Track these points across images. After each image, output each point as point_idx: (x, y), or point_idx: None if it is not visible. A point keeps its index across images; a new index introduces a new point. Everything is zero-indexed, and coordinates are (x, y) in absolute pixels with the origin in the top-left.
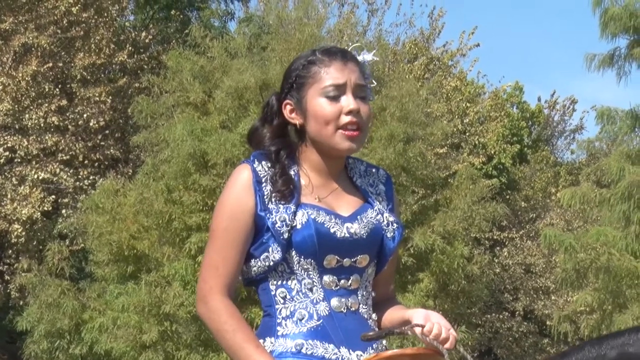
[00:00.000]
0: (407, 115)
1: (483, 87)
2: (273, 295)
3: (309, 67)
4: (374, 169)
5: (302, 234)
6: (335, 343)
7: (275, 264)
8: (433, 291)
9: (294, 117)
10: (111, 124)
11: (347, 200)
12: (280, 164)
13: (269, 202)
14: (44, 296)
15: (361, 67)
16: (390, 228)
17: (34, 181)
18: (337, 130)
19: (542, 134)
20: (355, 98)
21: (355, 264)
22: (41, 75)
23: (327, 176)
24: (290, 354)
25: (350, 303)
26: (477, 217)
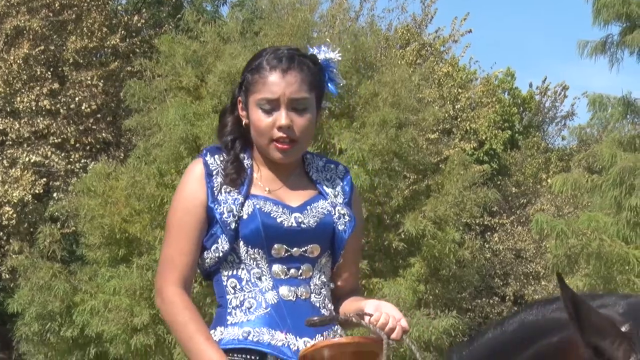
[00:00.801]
0: (399, 101)
1: (475, 73)
2: (224, 286)
3: (254, 74)
4: (334, 164)
5: (249, 224)
6: (282, 330)
7: (225, 254)
8: (424, 276)
9: (243, 115)
10: (103, 108)
11: (298, 193)
12: (234, 152)
13: (218, 193)
14: (35, 278)
15: (307, 75)
16: (342, 220)
17: (25, 164)
18: (271, 142)
19: (534, 120)
20: (291, 110)
21: (306, 254)
22: (33, 59)
23: (280, 170)
24: (237, 341)
25: (301, 292)
26: (468, 203)
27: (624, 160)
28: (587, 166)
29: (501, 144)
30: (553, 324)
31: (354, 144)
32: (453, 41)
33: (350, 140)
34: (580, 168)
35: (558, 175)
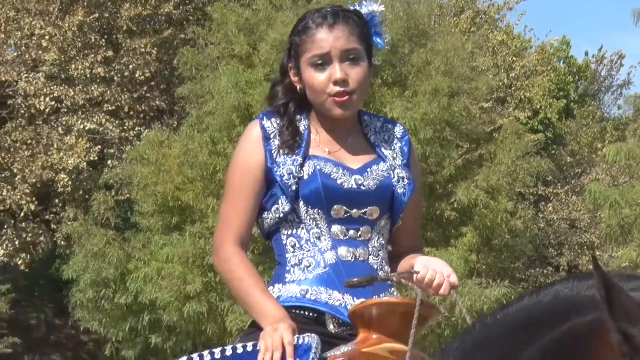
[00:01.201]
0: (452, 69)
1: (530, 42)
2: (284, 245)
3: (301, 36)
4: (391, 125)
5: (309, 185)
6: (340, 290)
7: (285, 215)
8: (476, 246)
9: (297, 81)
10: (157, 76)
11: (358, 155)
12: (287, 117)
13: (277, 156)
14: (89, 246)
15: (353, 27)
16: (401, 184)
17: (80, 131)
18: (328, 98)
19: (589, 89)
20: (344, 63)
21: (365, 216)
22: (87, 26)
23: (338, 132)
24: (295, 299)
25: (359, 253)
26: (521, 172)
27: None
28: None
29: (556, 113)
30: (588, 303)
31: (406, 113)
32: (508, 9)
33: (402, 110)
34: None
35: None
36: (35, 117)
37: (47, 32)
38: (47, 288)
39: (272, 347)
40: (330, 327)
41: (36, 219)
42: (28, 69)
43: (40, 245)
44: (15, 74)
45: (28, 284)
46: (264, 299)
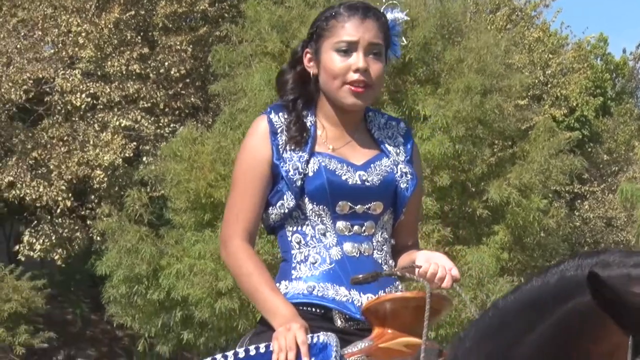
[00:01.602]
0: (484, 67)
1: (566, 39)
2: (289, 241)
3: (329, 20)
4: (395, 121)
5: (314, 181)
6: (346, 286)
7: (290, 210)
8: (508, 244)
9: (311, 65)
10: (192, 73)
11: (361, 151)
12: (295, 112)
13: (283, 151)
14: (122, 242)
15: (382, 25)
16: (404, 179)
17: (116, 128)
18: (344, 85)
19: (627, 87)
20: (367, 56)
21: (369, 211)
22: (123, 23)
23: (343, 128)
24: (302, 295)
25: (364, 248)
26: (554, 170)
27: None
28: None
29: (593, 111)
30: None
31: (438, 111)
32: (544, 6)
33: (435, 107)
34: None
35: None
36: (71, 114)
37: (84, 29)
38: (83, 283)
39: (286, 347)
40: (338, 322)
41: (72, 215)
42: (64, 65)
43: (76, 240)
44: (52, 70)
45: (64, 279)
46: (273, 296)
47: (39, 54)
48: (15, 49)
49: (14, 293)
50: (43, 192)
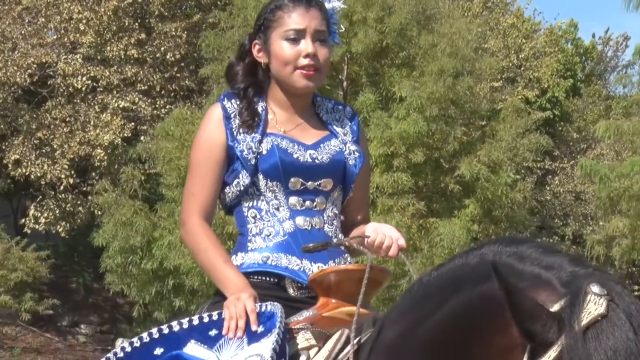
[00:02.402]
0: (456, 51)
1: (539, 24)
2: (245, 216)
3: (276, 12)
4: (341, 106)
5: (268, 159)
6: (298, 256)
7: (246, 187)
8: (478, 216)
9: (260, 56)
10: (186, 57)
11: (311, 132)
12: (246, 100)
13: (237, 134)
14: (118, 215)
15: (324, 14)
16: (352, 156)
17: (115, 109)
18: (295, 70)
19: (595, 69)
20: (314, 42)
21: (320, 187)
22: (122, 11)
23: (293, 112)
24: (257, 265)
25: (315, 222)
26: (521, 148)
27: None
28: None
29: (563, 92)
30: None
31: (413, 92)
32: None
33: (410, 89)
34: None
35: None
36: (73, 96)
37: (84, 16)
38: (85, 254)
39: (236, 315)
40: (290, 290)
41: (75, 191)
42: (66, 50)
43: (78, 214)
44: (55, 55)
45: (67, 250)
46: (227, 269)
47: (43, 39)
48: (19, 35)
49: (20, 263)
50: (47, 170)
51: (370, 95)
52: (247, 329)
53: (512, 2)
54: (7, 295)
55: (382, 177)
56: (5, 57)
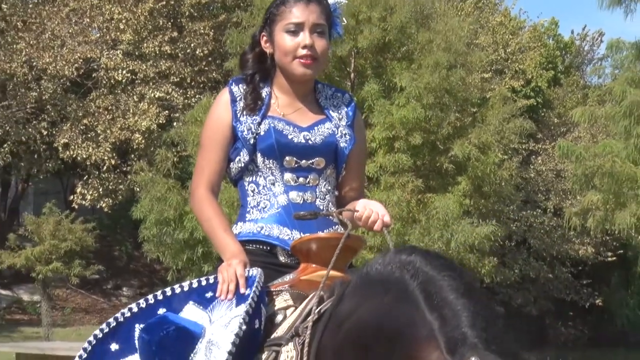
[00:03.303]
0: (450, 46)
1: (524, 22)
2: (246, 190)
3: (279, 6)
4: (340, 93)
5: (265, 140)
6: (289, 227)
7: (246, 164)
8: (469, 192)
9: (267, 46)
10: (213, 52)
11: (308, 115)
12: (252, 85)
13: (240, 115)
14: (154, 192)
15: (323, 8)
16: (344, 139)
17: (151, 99)
18: (295, 60)
19: (574, 62)
20: (312, 34)
21: (313, 165)
22: (156, 11)
23: (294, 97)
24: (251, 234)
25: (307, 196)
26: (507, 132)
27: (633, 95)
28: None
29: (545, 82)
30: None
31: (412, 83)
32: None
33: (409, 79)
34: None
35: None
36: (114, 87)
37: (124, 16)
38: (126, 226)
39: (228, 279)
40: (281, 257)
41: (116, 170)
42: (108, 47)
43: (119, 191)
44: (98, 51)
45: (110, 222)
46: (225, 237)
47: (87, 37)
48: (67, 33)
49: (69, 234)
50: (92, 152)
51: (375, 86)
52: (236, 292)
53: (500, 2)
54: (59, 262)
55: (385, 157)
56: (55, 53)
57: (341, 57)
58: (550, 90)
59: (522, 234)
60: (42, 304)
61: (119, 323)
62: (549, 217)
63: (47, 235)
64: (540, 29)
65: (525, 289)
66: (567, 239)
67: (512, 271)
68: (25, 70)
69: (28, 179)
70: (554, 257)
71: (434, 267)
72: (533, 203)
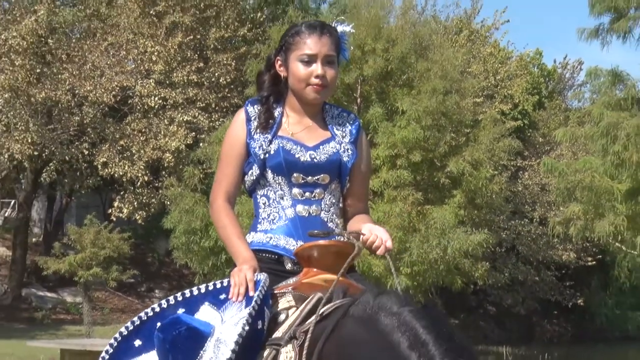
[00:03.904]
0: (446, 74)
1: (511, 53)
2: (258, 202)
3: (294, 37)
4: (346, 113)
5: (274, 158)
6: (295, 238)
7: (257, 178)
8: (463, 203)
9: (281, 70)
10: (235, 81)
11: (316, 135)
12: (266, 105)
13: (254, 133)
14: (182, 204)
15: (334, 39)
16: (346, 154)
17: (180, 122)
18: (307, 86)
19: (556, 88)
20: (324, 65)
21: (318, 181)
22: (185, 45)
23: (303, 116)
24: (261, 244)
25: (313, 209)
26: (497, 150)
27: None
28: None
29: (531, 106)
30: None
31: (412, 106)
32: (495, 28)
33: (409, 104)
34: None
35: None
36: (147, 112)
37: (156, 49)
38: (158, 235)
39: (239, 283)
40: (288, 265)
41: (149, 186)
42: (142, 76)
43: (152, 204)
44: (133, 80)
45: (144, 232)
46: (239, 244)
47: (123, 68)
48: (106, 64)
49: (107, 242)
50: (127, 170)
51: (379, 109)
52: (246, 295)
53: (490, 35)
54: (98, 268)
55: (388, 173)
56: (94, 82)
57: (349, 84)
58: (535, 112)
59: (511, 241)
60: (84, 305)
61: (143, 321)
62: (535, 226)
63: (87, 244)
64: (526, 59)
65: (514, 291)
66: (551, 246)
67: (502, 274)
68: (68, 97)
69: (71, 194)
70: (540, 262)
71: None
72: (521, 213)
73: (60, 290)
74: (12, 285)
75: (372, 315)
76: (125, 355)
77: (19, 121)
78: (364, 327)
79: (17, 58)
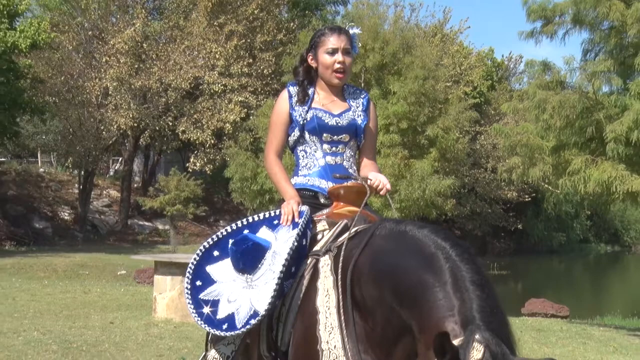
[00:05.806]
0: (424, 65)
1: (472, 50)
2: (298, 155)
3: (321, 37)
4: (359, 91)
5: (310, 123)
6: (326, 179)
7: (298, 138)
8: (437, 158)
9: (312, 62)
10: (275, 72)
11: (339, 106)
12: (302, 87)
13: (295, 106)
14: (238, 160)
15: (349, 37)
16: (360, 118)
17: (236, 102)
18: (332, 72)
19: (504, 75)
20: (344, 55)
21: (342, 139)
22: (239, 47)
23: (329, 94)
24: (301, 184)
25: (338, 159)
26: (461, 119)
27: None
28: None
29: (486, 88)
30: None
31: (401, 89)
32: (460, 32)
33: (399, 86)
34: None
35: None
36: (213, 95)
37: (218, 50)
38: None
39: (287, 212)
40: (321, 200)
41: (214, 147)
42: (209, 69)
43: (217, 160)
44: (203, 72)
45: (212, 180)
46: (286, 185)
47: (196, 64)
48: (183, 61)
49: (186, 187)
50: (199, 136)
51: (377, 91)
52: (293, 220)
53: (457, 37)
54: (180, 205)
55: (384, 136)
56: (176, 74)
57: (355, 73)
58: (489, 93)
59: (471, 184)
60: (170, 231)
61: (219, 238)
62: (488, 173)
63: (172, 188)
64: (482, 54)
65: (473, 219)
66: (499, 187)
67: (465, 208)
68: (157, 85)
69: (160, 153)
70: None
71: (462, 259)
72: (478, 165)
73: (154, 220)
74: (121, 217)
75: (397, 233)
76: (208, 262)
77: (123, 102)
78: (391, 241)
79: (121, 57)
